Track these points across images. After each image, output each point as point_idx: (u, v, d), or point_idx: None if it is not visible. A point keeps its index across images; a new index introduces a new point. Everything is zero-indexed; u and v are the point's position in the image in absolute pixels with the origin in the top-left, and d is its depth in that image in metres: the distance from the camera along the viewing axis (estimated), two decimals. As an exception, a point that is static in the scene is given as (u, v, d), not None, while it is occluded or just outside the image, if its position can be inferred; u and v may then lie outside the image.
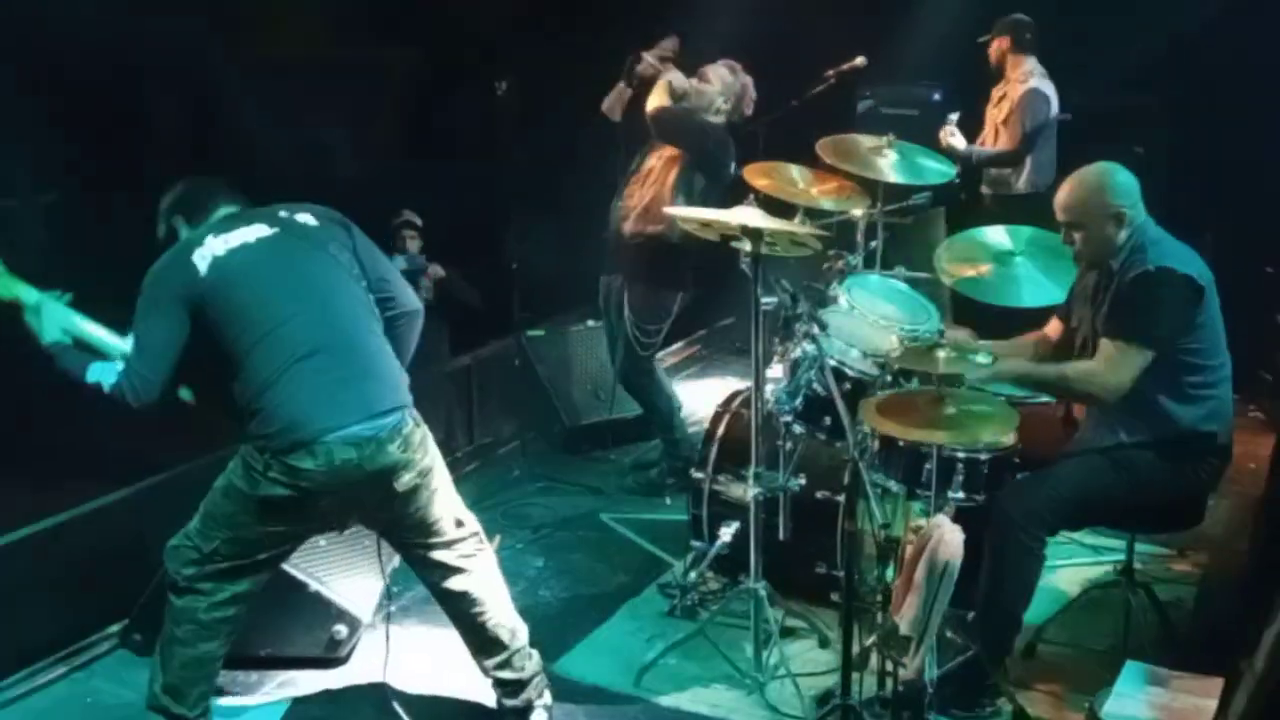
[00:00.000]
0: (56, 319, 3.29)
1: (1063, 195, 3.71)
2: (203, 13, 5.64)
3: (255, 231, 3.29)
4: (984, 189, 6.43)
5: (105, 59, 5.28)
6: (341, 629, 3.94)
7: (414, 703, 3.72)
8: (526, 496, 5.35)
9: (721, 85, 5.04)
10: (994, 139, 6.31)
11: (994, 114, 6.33)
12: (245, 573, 3.28)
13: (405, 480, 3.25)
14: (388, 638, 3.67)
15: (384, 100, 6.93)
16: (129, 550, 4.15)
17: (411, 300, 3.49)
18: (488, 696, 3.67)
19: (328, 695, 3.83)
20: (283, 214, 3.37)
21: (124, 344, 3.26)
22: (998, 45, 6.30)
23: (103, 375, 3.18)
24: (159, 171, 5.63)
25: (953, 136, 6.13)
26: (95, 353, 3.29)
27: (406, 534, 3.41)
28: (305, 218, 3.38)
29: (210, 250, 3.22)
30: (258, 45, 6.17)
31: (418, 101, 6.93)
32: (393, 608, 3.93)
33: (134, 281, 3.22)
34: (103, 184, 5.29)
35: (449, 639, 4.01)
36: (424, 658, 3.99)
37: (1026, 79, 6.14)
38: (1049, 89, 6.15)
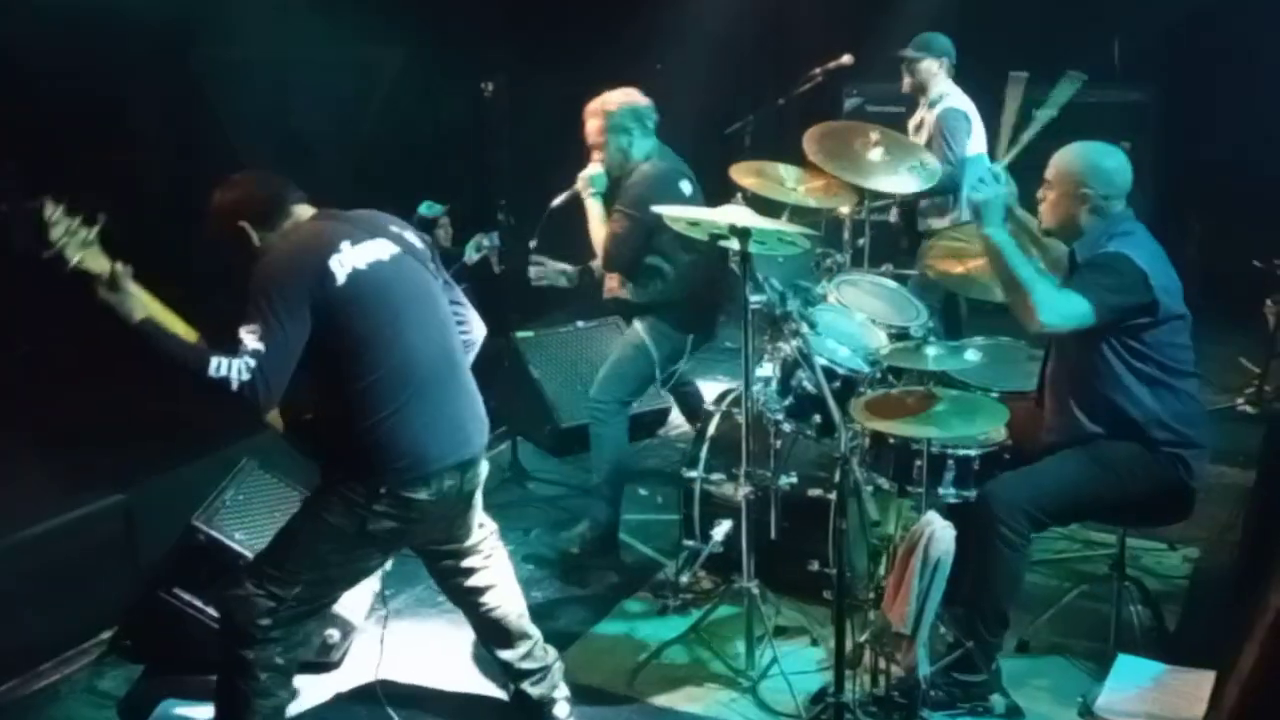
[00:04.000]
0: (134, 295, 2.96)
1: (1057, 154, 3.73)
2: (189, 13, 5.63)
3: (384, 248, 3.16)
4: (922, 226, 5.65)
5: (92, 62, 5.26)
6: (334, 633, 3.93)
7: (409, 705, 3.71)
8: (517, 497, 5.34)
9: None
10: None
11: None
12: (319, 611, 3.24)
13: (478, 496, 3.35)
14: (382, 640, 3.66)
15: (371, 100, 6.92)
16: (120, 555, 4.15)
17: (481, 327, 3.53)
18: (484, 696, 3.69)
19: (321, 699, 3.82)
20: (394, 229, 3.26)
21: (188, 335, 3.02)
22: (926, 68, 5.65)
23: (229, 372, 2.86)
24: (147, 175, 5.64)
25: (895, 219, 5.58)
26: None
27: (447, 543, 3.40)
28: (412, 236, 3.31)
29: (350, 261, 3.06)
30: (245, 45, 6.15)
31: (405, 102, 6.92)
32: (385, 611, 3.93)
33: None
34: (92, 189, 5.27)
35: (443, 640, 4.02)
36: (419, 660, 3.98)
37: (942, 100, 5.61)
38: (969, 106, 5.60)
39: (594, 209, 4.66)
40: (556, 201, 4.77)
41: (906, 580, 3.30)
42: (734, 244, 3.81)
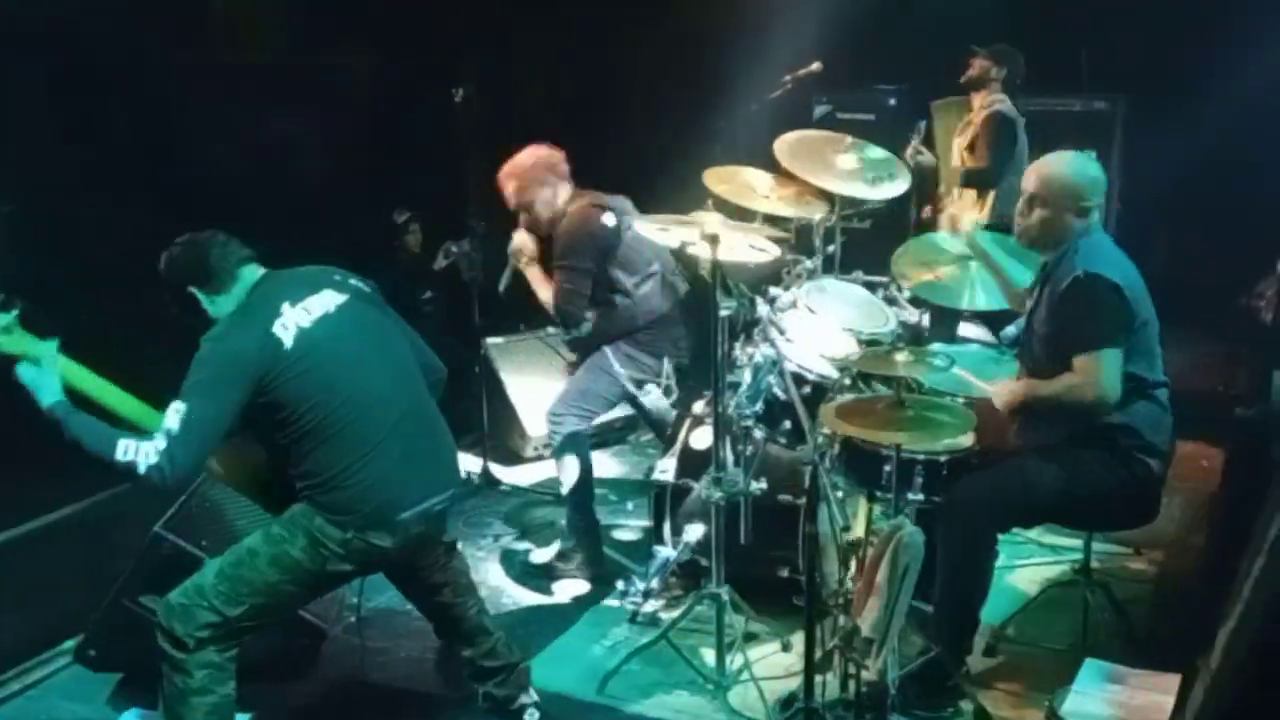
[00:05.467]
0: (57, 374, 3.02)
1: (1040, 168, 3.72)
2: (164, 18, 5.59)
3: (330, 299, 3.18)
4: (954, 210, 6.04)
5: (65, 65, 5.21)
6: (303, 640, 3.90)
7: (380, 711, 3.69)
8: (486, 503, 5.33)
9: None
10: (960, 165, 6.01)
11: (959, 142, 6.05)
12: (262, 627, 3.23)
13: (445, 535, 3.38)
14: (362, 644, 3.64)
15: (342, 108, 6.89)
16: (84, 564, 4.10)
17: (441, 365, 3.53)
18: (454, 697, 3.68)
19: (290, 707, 3.79)
20: (337, 277, 3.27)
21: (128, 406, 3.09)
22: (984, 68, 5.94)
23: (135, 455, 2.89)
24: (121, 180, 5.59)
25: (921, 155, 5.85)
26: (100, 415, 3.05)
27: (413, 569, 3.41)
28: (358, 282, 3.31)
29: (293, 321, 3.08)
30: (219, 50, 6.12)
31: (376, 110, 6.90)
32: (353, 619, 3.91)
33: (96, 289, 3.10)
34: (64, 193, 5.23)
35: (413, 647, 4.00)
36: (388, 665, 3.97)
37: (993, 105, 5.87)
38: (1016, 116, 5.87)
39: (533, 275, 4.68)
40: (503, 285, 4.86)
41: (876, 585, 3.31)
42: (704, 251, 3.82)
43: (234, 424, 3.02)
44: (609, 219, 4.54)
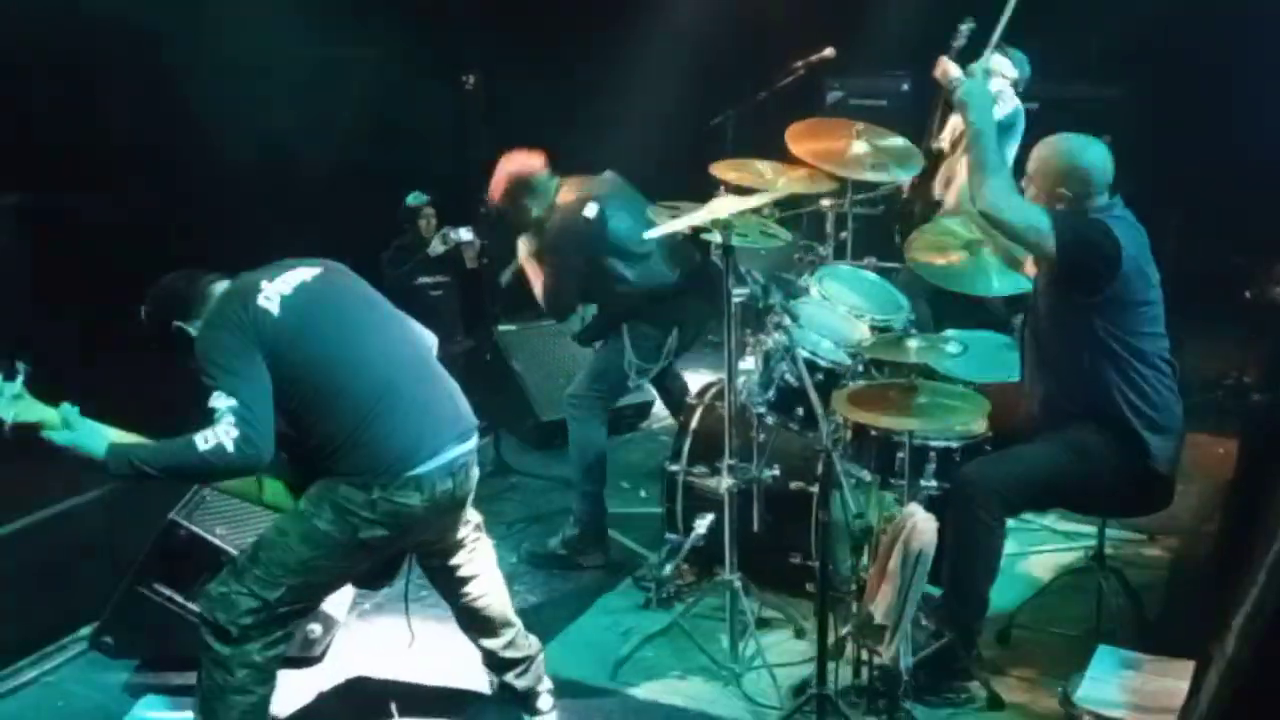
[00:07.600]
0: (89, 423, 2.99)
1: (1039, 147, 3.77)
2: (165, 10, 5.59)
3: (305, 271, 3.19)
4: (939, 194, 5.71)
5: (66, 58, 5.22)
6: (316, 627, 3.91)
7: (394, 699, 3.71)
8: (499, 491, 5.33)
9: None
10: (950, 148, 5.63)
11: (955, 122, 5.58)
12: (304, 613, 3.25)
13: (472, 499, 3.36)
14: (374, 633, 3.64)
15: (350, 96, 6.89)
16: (99, 551, 4.12)
17: (429, 332, 3.52)
18: (468, 690, 3.69)
19: (302, 696, 3.80)
20: (306, 260, 3.27)
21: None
22: (998, 62, 5.44)
23: (220, 438, 2.88)
24: (122, 172, 5.60)
25: (951, 65, 5.21)
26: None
27: (437, 544, 3.40)
28: (328, 261, 3.32)
29: (275, 291, 3.09)
30: (222, 43, 6.12)
31: (385, 97, 6.90)
32: (367, 605, 3.93)
33: (97, 283, 3.10)
34: (64, 185, 5.25)
35: (426, 635, 4.00)
36: (403, 653, 3.97)
37: (1000, 93, 5.40)
38: (1019, 111, 5.48)
39: (531, 269, 4.71)
40: (505, 278, 4.90)
41: (889, 572, 3.31)
42: (716, 237, 3.81)
43: (272, 391, 3.01)
44: (590, 210, 4.53)
